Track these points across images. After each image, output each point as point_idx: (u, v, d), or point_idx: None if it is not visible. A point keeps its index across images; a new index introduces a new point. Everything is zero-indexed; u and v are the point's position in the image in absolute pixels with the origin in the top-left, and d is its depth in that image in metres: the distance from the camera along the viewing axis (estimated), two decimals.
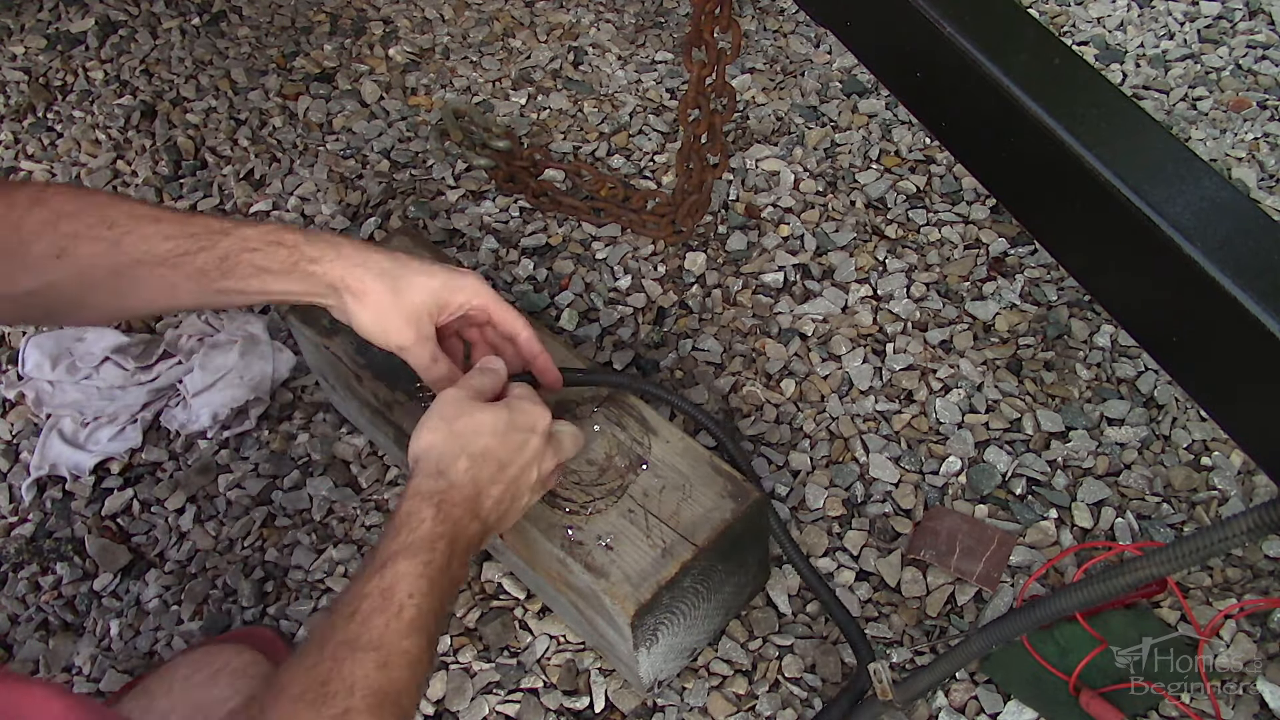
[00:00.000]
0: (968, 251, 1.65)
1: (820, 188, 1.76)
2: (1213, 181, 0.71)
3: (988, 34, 0.82)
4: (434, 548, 0.83)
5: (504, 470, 0.91)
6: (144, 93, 2.03)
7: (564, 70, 2.03)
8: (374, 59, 2.08)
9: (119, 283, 0.87)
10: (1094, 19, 2.02)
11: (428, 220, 1.76)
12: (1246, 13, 2.00)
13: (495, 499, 0.91)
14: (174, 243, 0.88)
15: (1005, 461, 1.40)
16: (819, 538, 1.35)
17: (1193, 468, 1.38)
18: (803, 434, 1.46)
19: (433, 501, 0.85)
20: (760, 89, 1.94)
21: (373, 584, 0.80)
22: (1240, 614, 1.24)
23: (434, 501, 0.85)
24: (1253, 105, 1.82)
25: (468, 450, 0.89)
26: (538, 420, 0.96)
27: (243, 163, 1.89)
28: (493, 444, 0.90)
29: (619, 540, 1.12)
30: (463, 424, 0.90)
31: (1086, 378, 1.48)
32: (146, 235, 0.87)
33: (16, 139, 1.97)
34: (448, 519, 0.85)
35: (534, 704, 1.25)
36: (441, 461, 0.88)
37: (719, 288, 1.64)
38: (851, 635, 1.20)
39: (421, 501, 0.85)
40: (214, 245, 0.89)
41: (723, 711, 1.22)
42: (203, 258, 0.89)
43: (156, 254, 0.87)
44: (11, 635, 1.37)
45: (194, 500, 1.47)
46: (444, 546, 0.84)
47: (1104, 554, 1.31)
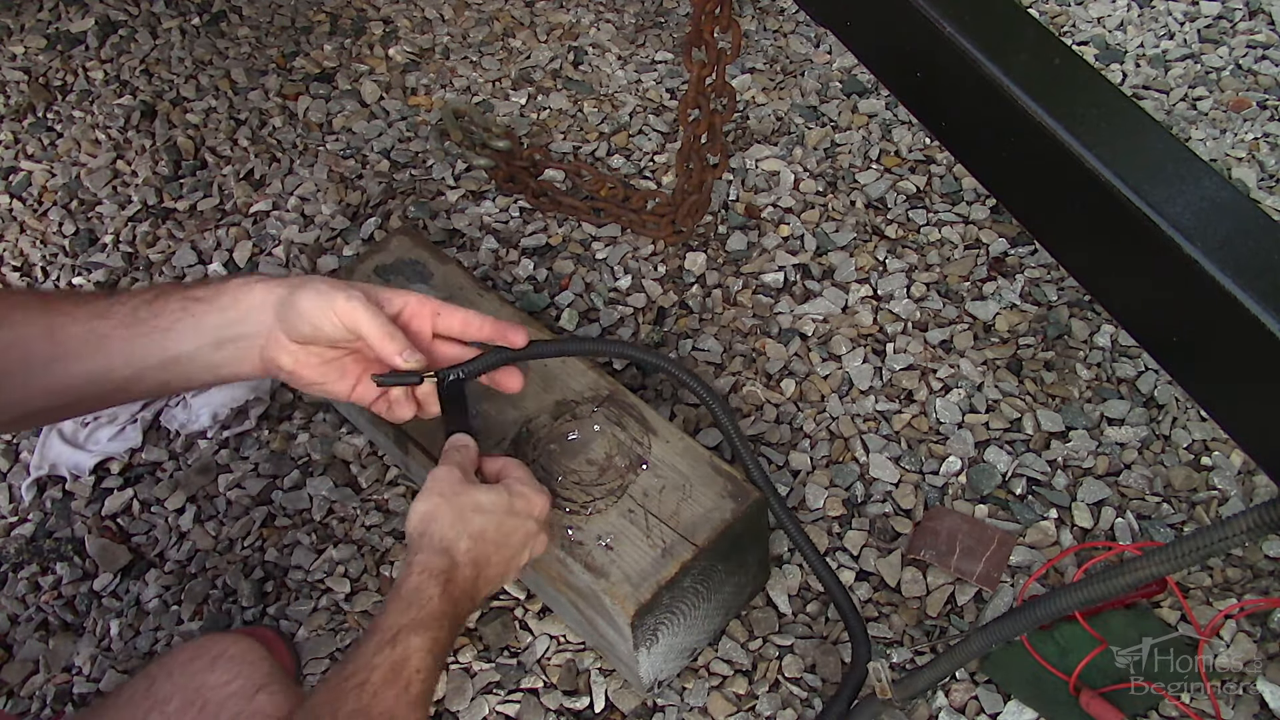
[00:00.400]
0: (968, 251, 1.65)
1: (820, 188, 1.76)
2: (1213, 181, 0.71)
3: (988, 34, 0.82)
4: (441, 625, 0.85)
5: (500, 551, 0.94)
6: (144, 93, 2.03)
7: (564, 70, 2.03)
8: (374, 59, 2.08)
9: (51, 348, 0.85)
10: (1094, 19, 2.02)
11: (428, 220, 1.76)
12: (1246, 13, 2.00)
13: (489, 579, 0.94)
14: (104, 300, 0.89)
15: (1005, 461, 1.40)
16: (819, 538, 1.35)
17: (1193, 468, 1.38)
18: (803, 434, 1.46)
19: (439, 580, 0.87)
20: (760, 89, 1.94)
21: (383, 656, 0.81)
22: (1240, 614, 1.24)
23: (440, 580, 0.87)
24: (1253, 105, 1.82)
25: (469, 531, 0.91)
26: (535, 505, 0.98)
27: (243, 163, 1.89)
28: (491, 526, 0.93)
29: (619, 540, 1.12)
30: (462, 503, 0.92)
31: (1086, 378, 1.48)
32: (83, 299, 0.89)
33: (16, 139, 1.97)
34: (450, 598, 0.87)
35: (534, 704, 1.25)
36: (445, 540, 0.90)
37: (719, 288, 1.64)
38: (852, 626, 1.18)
39: (430, 579, 0.87)
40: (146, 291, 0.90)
41: (723, 711, 1.22)
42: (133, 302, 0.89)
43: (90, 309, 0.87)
44: (11, 635, 1.37)
45: (194, 500, 1.47)
46: (448, 625, 0.87)
47: (1104, 554, 1.31)
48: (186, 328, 0.89)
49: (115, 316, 0.88)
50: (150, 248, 1.78)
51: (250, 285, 0.92)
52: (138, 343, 0.88)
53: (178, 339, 0.89)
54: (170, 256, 1.76)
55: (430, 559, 0.88)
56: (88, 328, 0.87)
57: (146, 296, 0.90)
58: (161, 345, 0.89)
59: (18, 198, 1.88)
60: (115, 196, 1.87)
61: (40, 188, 1.90)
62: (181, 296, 0.90)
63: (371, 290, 0.94)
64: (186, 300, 0.90)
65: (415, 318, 0.98)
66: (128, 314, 0.88)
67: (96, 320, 0.87)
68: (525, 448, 1.20)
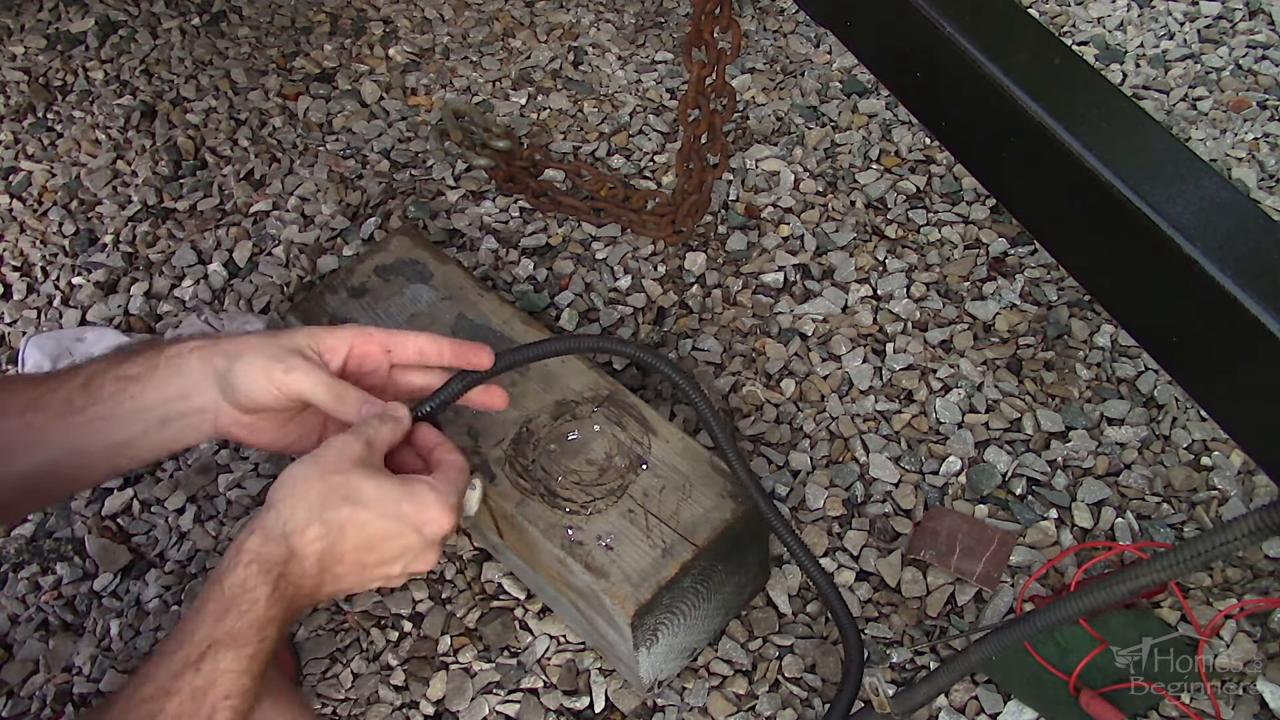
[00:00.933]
0: (968, 251, 1.65)
1: (820, 188, 1.76)
2: (1213, 181, 0.71)
3: (988, 34, 0.82)
4: (263, 636, 0.72)
5: (362, 555, 0.77)
6: (144, 93, 2.03)
7: (564, 70, 2.03)
8: (374, 59, 2.08)
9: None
10: (1094, 19, 2.02)
11: (428, 220, 1.76)
12: (1246, 13, 2.00)
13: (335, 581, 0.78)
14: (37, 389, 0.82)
15: (1005, 461, 1.40)
16: (819, 538, 1.35)
17: (1193, 468, 1.38)
18: (803, 434, 1.46)
19: (270, 578, 0.73)
20: (760, 89, 1.94)
21: (185, 680, 0.69)
22: (1240, 614, 1.24)
23: (271, 578, 0.73)
24: (1253, 105, 1.82)
25: (325, 517, 0.75)
26: (431, 522, 0.78)
27: (243, 163, 1.89)
28: (359, 522, 0.76)
29: (619, 540, 1.12)
30: (335, 484, 0.76)
31: (1086, 378, 1.48)
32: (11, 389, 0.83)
33: (16, 139, 1.97)
34: (282, 599, 0.74)
35: (534, 704, 1.25)
36: (290, 522, 0.75)
37: (719, 288, 1.64)
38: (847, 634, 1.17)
39: (259, 574, 0.73)
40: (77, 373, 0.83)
41: (723, 711, 1.22)
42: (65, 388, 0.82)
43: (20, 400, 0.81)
44: (11, 635, 1.37)
45: (194, 500, 1.47)
46: (273, 631, 0.73)
47: (1104, 554, 1.31)
48: (126, 411, 0.82)
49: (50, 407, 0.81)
50: (150, 248, 1.78)
51: (184, 357, 0.84)
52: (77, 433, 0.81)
53: (119, 425, 0.82)
54: (170, 256, 1.76)
55: (263, 546, 0.74)
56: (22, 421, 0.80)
57: (78, 382, 0.83)
58: (103, 433, 0.82)
59: (18, 198, 1.88)
60: (115, 196, 1.87)
61: (40, 188, 1.90)
62: (115, 377, 0.83)
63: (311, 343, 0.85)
64: (121, 381, 0.83)
65: (365, 357, 0.88)
66: (61, 404, 0.81)
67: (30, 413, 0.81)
68: (525, 448, 1.20)
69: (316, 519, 0.75)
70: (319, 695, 1.29)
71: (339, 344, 0.86)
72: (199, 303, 1.69)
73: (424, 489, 0.79)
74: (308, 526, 0.75)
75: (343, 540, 0.76)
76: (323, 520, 0.75)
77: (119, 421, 0.82)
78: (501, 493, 1.16)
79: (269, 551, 0.74)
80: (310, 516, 0.75)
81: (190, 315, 1.63)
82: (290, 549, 0.74)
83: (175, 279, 1.73)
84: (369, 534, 0.77)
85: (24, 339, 1.61)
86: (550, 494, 1.15)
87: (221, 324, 1.60)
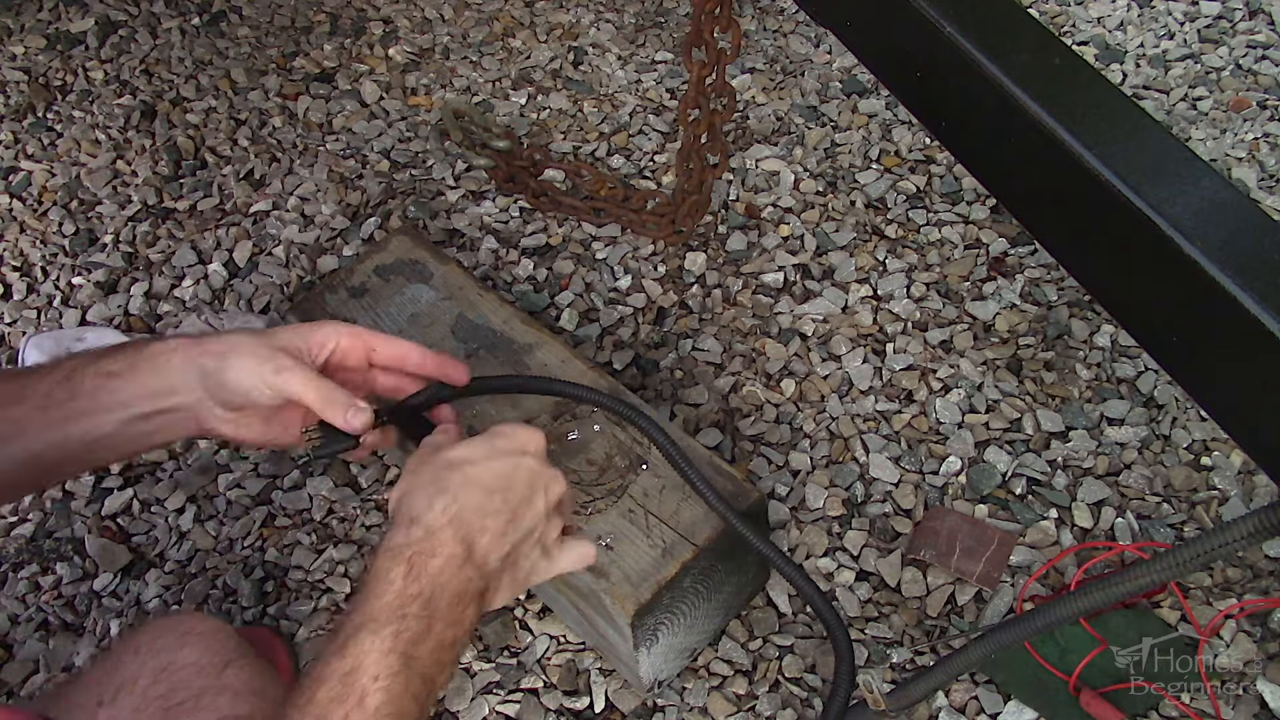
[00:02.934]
0: (968, 251, 1.65)
1: (820, 188, 1.76)
2: (1213, 181, 0.71)
3: (988, 34, 0.82)
4: (404, 614, 0.72)
5: (493, 499, 0.78)
6: (144, 93, 2.03)
7: (564, 70, 2.03)
8: (374, 59, 2.08)
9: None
10: (1094, 19, 2.02)
11: (428, 220, 1.76)
12: (1246, 13, 2.00)
13: (493, 536, 0.78)
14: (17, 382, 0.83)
15: (1005, 461, 1.40)
16: (819, 538, 1.35)
17: (1193, 468, 1.38)
18: (803, 434, 1.46)
19: (403, 557, 0.74)
20: (760, 89, 1.94)
21: (333, 666, 0.69)
22: (1240, 614, 1.24)
23: (405, 556, 0.74)
24: (1253, 105, 1.82)
25: (445, 488, 0.78)
26: (527, 441, 0.83)
27: (243, 163, 1.89)
28: (475, 474, 0.79)
29: (619, 540, 1.12)
30: (435, 464, 0.80)
31: (1086, 378, 1.48)
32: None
33: (16, 139, 1.97)
34: (422, 574, 0.74)
35: (534, 704, 1.25)
36: (414, 508, 0.77)
37: (719, 288, 1.64)
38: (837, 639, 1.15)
39: (391, 559, 0.74)
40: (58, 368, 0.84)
41: (723, 711, 1.22)
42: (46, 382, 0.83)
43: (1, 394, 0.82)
44: (11, 635, 1.37)
45: (194, 500, 1.47)
46: (418, 609, 0.72)
47: (1104, 554, 1.31)
48: (106, 406, 0.83)
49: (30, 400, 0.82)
50: (150, 248, 1.78)
51: (168, 354, 0.84)
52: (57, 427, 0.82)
53: (99, 419, 0.83)
54: (170, 256, 1.76)
55: (394, 535, 0.76)
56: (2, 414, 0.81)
57: (59, 376, 0.83)
58: (83, 427, 0.83)
59: (18, 198, 1.88)
60: (115, 196, 1.87)
61: (40, 188, 1.90)
62: (95, 372, 0.83)
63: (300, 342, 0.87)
64: (101, 376, 0.83)
65: (349, 353, 0.90)
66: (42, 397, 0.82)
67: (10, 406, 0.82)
68: None
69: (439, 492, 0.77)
70: None
71: (325, 339, 0.88)
72: (199, 303, 1.69)
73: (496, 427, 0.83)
74: (433, 501, 0.77)
75: (468, 498, 0.77)
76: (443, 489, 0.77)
77: (98, 415, 0.83)
78: None
79: (398, 538, 0.75)
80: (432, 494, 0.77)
81: (190, 315, 1.64)
82: (424, 528, 0.75)
83: (175, 279, 1.73)
84: (487, 480, 0.79)
85: (24, 339, 1.61)
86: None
87: (221, 324, 1.60)
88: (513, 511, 0.79)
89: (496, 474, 0.79)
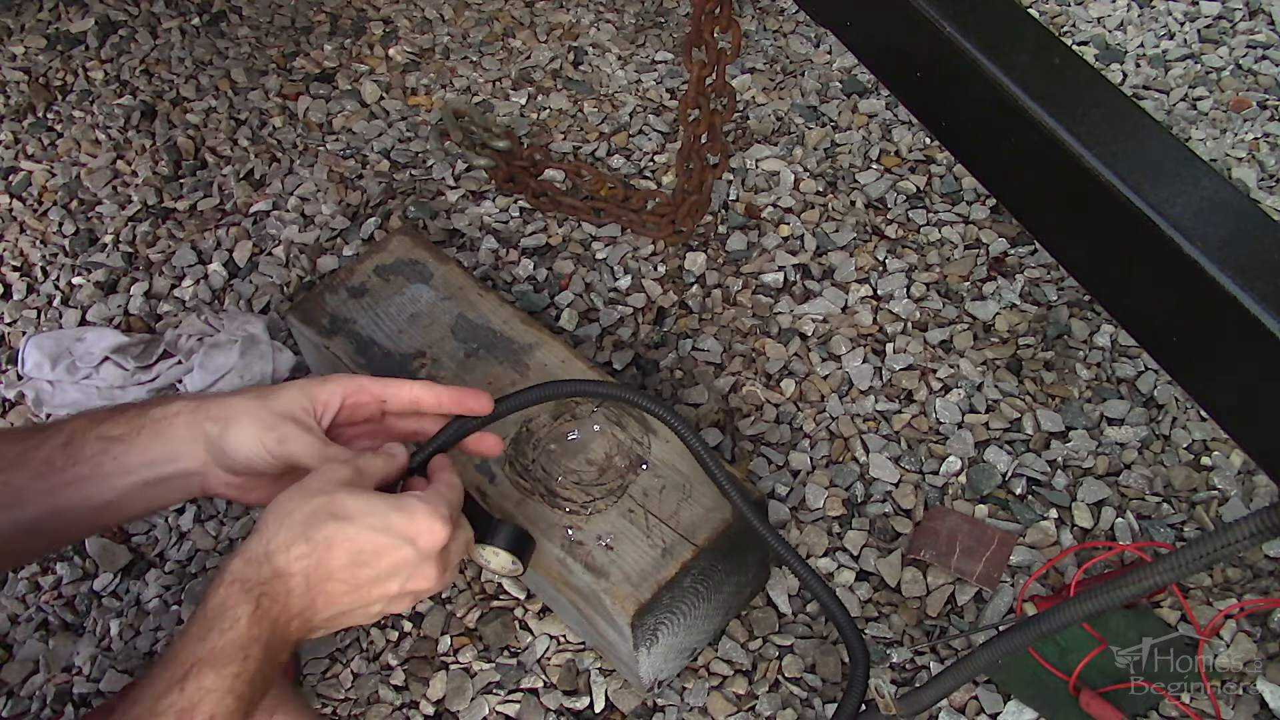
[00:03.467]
0: (968, 251, 1.65)
1: (820, 188, 1.76)
2: (1213, 181, 0.71)
3: (988, 34, 0.82)
4: (246, 655, 0.69)
5: (353, 570, 0.74)
6: (144, 93, 2.03)
7: (564, 70, 2.03)
8: (374, 59, 2.08)
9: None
10: (1094, 19, 2.02)
11: (428, 220, 1.76)
12: (1246, 13, 2.00)
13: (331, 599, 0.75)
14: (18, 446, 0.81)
15: (1005, 461, 1.40)
16: (819, 538, 1.35)
17: (1193, 468, 1.38)
18: (803, 434, 1.46)
19: (251, 596, 0.71)
20: (760, 89, 1.94)
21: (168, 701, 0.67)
22: (1240, 614, 1.24)
23: (253, 596, 0.71)
24: (1253, 105, 1.82)
25: (310, 534, 0.73)
26: (423, 533, 0.76)
27: (243, 163, 1.89)
28: (347, 534, 0.74)
29: (619, 540, 1.12)
30: (320, 504, 0.74)
31: (1086, 378, 1.48)
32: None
33: (16, 139, 1.97)
34: (265, 618, 0.71)
35: (534, 704, 1.25)
36: (273, 542, 0.73)
37: (719, 288, 1.64)
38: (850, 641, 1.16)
39: (240, 594, 0.71)
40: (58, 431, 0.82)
41: (723, 711, 1.22)
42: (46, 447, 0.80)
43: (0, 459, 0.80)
44: (11, 635, 1.37)
45: (194, 500, 1.47)
46: (258, 652, 0.70)
47: (1104, 554, 1.31)
48: (109, 473, 0.81)
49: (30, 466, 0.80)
50: (150, 248, 1.78)
51: (170, 418, 0.82)
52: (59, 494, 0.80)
53: (101, 486, 0.81)
54: (170, 256, 1.76)
55: (245, 567, 0.72)
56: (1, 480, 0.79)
57: (60, 439, 0.81)
58: (85, 494, 0.81)
59: (18, 198, 1.88)
60: (115, 196, 1.87)
61: (40, 188, 1.90)
62: (97, 437, 0.81)
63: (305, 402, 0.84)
64: (103, 441, 0.81)
65: (358, 408, 0.87)
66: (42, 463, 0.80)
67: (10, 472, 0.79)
68: (525, 447, 1.20)
69: (301, 537, 0.73)
70: (319, 695, 1.29)
71: (331, 398, 0.85)
72: (199, 303, 1.69)
73: (412, 501, 0.77)
74: (292, 545, 0.73)
75: (330, 557, 0.74)
76: (308, 538, 0.73)
77: (101, 482, 0.81)
78: (501, 492, 1.17)
79: (250, 571, 0.72)
80: (294, 535, 0.73)
81: (190, 315, 1.64)
82: (274, 568, 0.72)
83: (175, 279, 1.73)
84: (358, 548, 0.74)
85: (24, 339, 1.61)
86: (550, 494, 1.15)
87: (221, 323, 1.60)
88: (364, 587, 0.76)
89: (367, 546, 0.75)
